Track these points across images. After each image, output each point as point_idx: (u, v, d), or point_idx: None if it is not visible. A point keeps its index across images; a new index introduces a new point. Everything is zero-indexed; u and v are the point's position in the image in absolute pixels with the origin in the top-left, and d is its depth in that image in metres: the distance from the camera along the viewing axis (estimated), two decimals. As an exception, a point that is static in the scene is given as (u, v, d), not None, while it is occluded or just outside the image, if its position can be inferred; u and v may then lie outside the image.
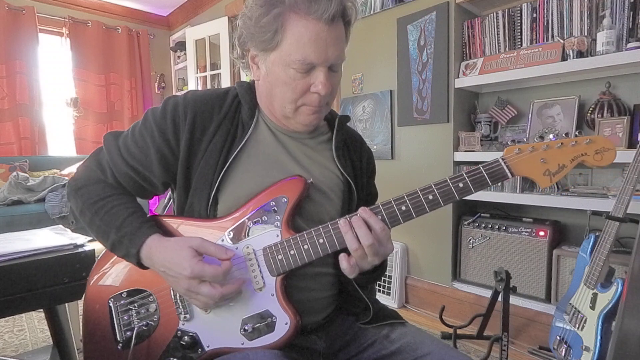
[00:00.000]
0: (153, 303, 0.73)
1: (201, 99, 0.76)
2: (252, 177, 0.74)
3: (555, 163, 0.64)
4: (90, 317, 0.76)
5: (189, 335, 0.70)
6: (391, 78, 2.18)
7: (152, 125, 0.74)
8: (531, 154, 0.64)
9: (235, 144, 0.74)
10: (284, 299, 0.68)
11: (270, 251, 0.69)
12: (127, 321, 0.73)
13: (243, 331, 0.68)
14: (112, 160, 0.75)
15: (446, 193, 0.66)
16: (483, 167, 0.65)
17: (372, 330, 0.78)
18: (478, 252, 1.88)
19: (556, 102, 1.74)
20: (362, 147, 0.91)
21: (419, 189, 0.66)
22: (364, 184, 0.88)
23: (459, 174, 0.66)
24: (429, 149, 2.04)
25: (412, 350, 0.73)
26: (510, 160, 0.65)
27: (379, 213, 0.66)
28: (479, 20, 1.90)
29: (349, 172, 0.82)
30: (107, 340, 0.74)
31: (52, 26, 3.72)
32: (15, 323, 1.95)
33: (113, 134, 0.79)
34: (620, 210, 1.18)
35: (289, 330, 0.66)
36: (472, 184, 0.65)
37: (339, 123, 0.84)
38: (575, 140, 0.63)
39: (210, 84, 3.87)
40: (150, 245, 0.68)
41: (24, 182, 2.95)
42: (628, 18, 1.49)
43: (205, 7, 3.83)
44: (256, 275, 0.69)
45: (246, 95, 0.78)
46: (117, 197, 0.74)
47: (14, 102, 3.45)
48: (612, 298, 1.14)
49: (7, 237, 1.09)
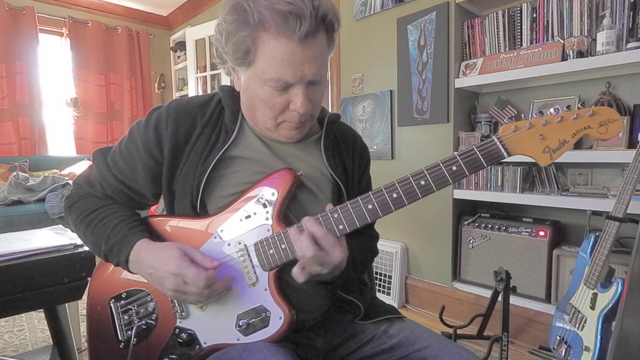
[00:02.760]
0: (151, 302, 0.73)
1: (183, 108, 0.75)
2: (238, 178, 0.73)
3: (556, 138, 0.59)
4: (93, 318, 0.78)
5: (186, 332, 0.71)
6: (391, 78, 2.18)
7: (136, 138, 0.75)
8: (529, 130, 0.60)
9: (217, 148, 0.74)
10: (277, 293, 0.68)
11: (261, 246, 0.68)
12: (128, 321, 0.74)
13: (238, 327, 0.68)
14: (102, 176, 0.77)
15: (439, 177, 0.62)
16: (477, 148, 0.62)
17: (371, 325, 0.78)
18: (478, 252, 1.88)
19: (556, 102, 1.74)
20: (354, 143, 0.89)
21: (411, 174, 0.64)
22: (355, 183, 0.87)
23: (451, 156, 0.63)
24: (429, 149, 2.04)
25: (410, 344, 0.73)
26: (507, 138, 0.61)
27: (357, 204, 0.64)
28: (479, 20, 1.90)
29: (339, 173, 0.81)
30: (110, 340, 0.75)
31: (52, 26, 3.72)
32: (15, 323, 1.95)
33: (102, 150, 0.81)
34: (620, 210, 1.18)
35: (284, 325, 0.66)
36: (465, 167, 0.61)
37: (328, 123, 0.82)
38: (577, 113, 0.58)
39: (210, 84, 3.87)
40: (138, 250, 0.68)
41: (24, 182, 2.95)
42: (628, 18, 1.49)
43: (205, 7, 3.83)
44: (248, 270, 0.69)
45: (228, 99, 0.78)
46: (107, 208, 0.75)
47: (14, 102, 3.45)
48: (612, 298, 1.14)
49: (7, 237, 1.09)
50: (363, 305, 0.79)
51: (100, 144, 3.96)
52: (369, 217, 0.65)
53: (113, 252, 0.70)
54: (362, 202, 0.65)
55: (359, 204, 0.64)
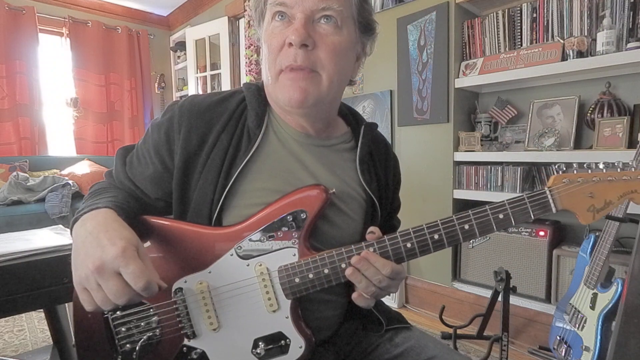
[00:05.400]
0: (154, 316, 0.66)
1: (198, 108, 0.68)
2: (260, 196, 0.65)
3: (603, 198, 0.58)
4: (82, 326, 0.68)
5: (196, 351, 0.65)
6: (391, 78, 2.18)
7: (149, 140, 0.71)
8: (580, 186, 0.58)
9: (240, 158, 0.66)
10: (298, 321, 0.64)
11: (287, 272, 0.62)
12: (126, 334, 0.67)
13: (255, 353, 0.64)
14: (116, 174, 0.74)
15: (484, 224, 0.58)
16: (527, 197, 0.58)
17: (376, 334, 0.77)
18: (478, 252, 1.88)
19: (556, 102, 1.74)
20: (387, 156, 0.81)
21: (456, 216, 0.59)
22: (389, 199, 0.80)
23: (500, 202, 0.59)
24: (429, 149, 2.04)
25: (415, 354, 0.71)
26: (559, 192, 0.58)
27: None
28: (479, 20, 1.90)
29: (374, 189, 0.73)
30: (103, 353, 0.68)
31: (52, 26, 3.72)
32: (15, 323, 1.95)
33: (125, 148, 0.77)
34: (620, 210, 1.18)
35: (304, 354, 0.63)
36: (513, 216, 0.58)
37: (365, 131, 0.74)
38: (629, 174, 0.57)
39: (210, 84, 3.87)
40: (96, 214, 0.57)
41: (24, 182, 2.95)
42: (628, 18, 1.49)
43: (205, 7, 3.83)
44: (270, 297, 0.63)
45: (254, 98, 0.69)
46: (113, 189, 0.71)
47: (14, 102, 3.45)
48: (612, 298, 1.14)
49: (7, 237, 1.09)
50: (382, 316, 0.76)
51: (100, 144, 3.97)
52: (405, 257, 0.62)
53: (79, 213, 0.60)
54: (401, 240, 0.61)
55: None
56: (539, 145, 1.69)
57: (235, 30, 3.55)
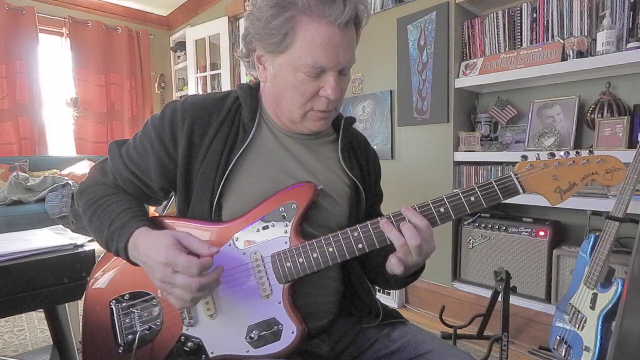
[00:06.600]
0: (156, 306, 0.71)
1: (199, 104, 0.75)
2: (256, 182, 0.73)
3: (566, 180, 0.64)
4: (90, 319, 0.75)
5: (192, 340, 0.69)
6: (391, 78, 2.18)
7: (151, 132, 0.75)
8: (542, 170, 0.64)
9: (237, 147, 0.73)
10: (291, 307, 0.67)
11: (278, 258, 0.67)
12: (129, 324, 0.72)
13: (249, 339, 0.67)
14: (114, 167, 0.77)
15: (458, 206, 0.66)
16: (495, 182, 0.65)
17: (373, 329, 0.78)
18: (478, 252, 1.88)
19: (556, 102, 1.74)
20: (367, 148, 0.90)
21: (431, 200, 0.67)
22: (372, 186, 0.87)
23: (470, 187, 0.66)
24: (429, 149, 2.04)
25: (413, 348, 0.73)
26: (522, 175, 0.64)
27: (458, 198, 0.66)
28: (479, 20, 1.90)
29: (356, 174, 0.81)
30: (108, 343, 0.73)
31: (52, 26, 3.72)
32: (15, 323, 1.95)
33: (117, 142, 0.81)
34: (620, 210, 1.18)
35: (296, 339, 0.65)
36: (483, 198, 0.65)
37: (345, 124, 0.83)
38: (587, 158, 0.64)
39: (210, 84, 3.87)
40: (136, 237, 0.66)
41: (24, 182, 2.95)
42: (628, 18, 1.49)
43: (205, 7, 3.83)
44: (263, 282, 0.68)
45: (247, 97, 0.77)
46: (115, 196, 0.74)
47: (14, 102, 3.45)
48: (612, 298, 1.14)
49: (7, 237, 1.09)
50: (374, 307, 0.79)
51: (100, 144, 3.97)
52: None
53: (113, 238, 0.68)
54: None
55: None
56: (539, 145, 1.69)
57: (235, 30, 3.55)
